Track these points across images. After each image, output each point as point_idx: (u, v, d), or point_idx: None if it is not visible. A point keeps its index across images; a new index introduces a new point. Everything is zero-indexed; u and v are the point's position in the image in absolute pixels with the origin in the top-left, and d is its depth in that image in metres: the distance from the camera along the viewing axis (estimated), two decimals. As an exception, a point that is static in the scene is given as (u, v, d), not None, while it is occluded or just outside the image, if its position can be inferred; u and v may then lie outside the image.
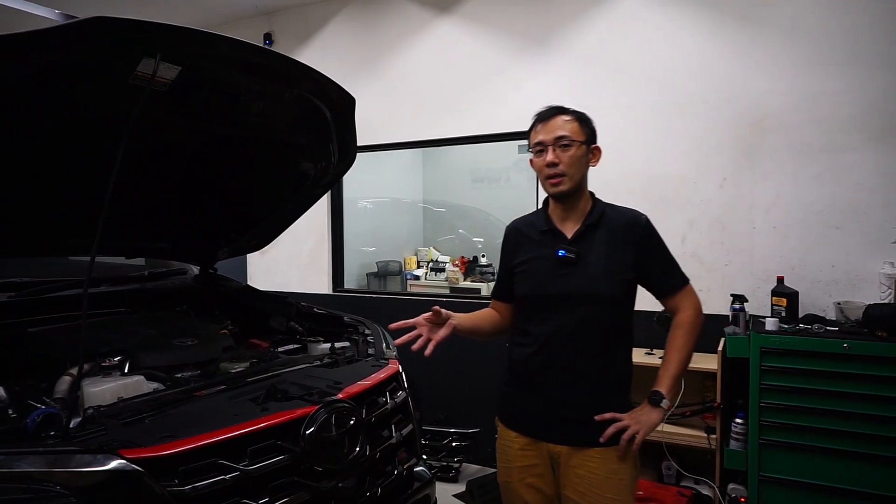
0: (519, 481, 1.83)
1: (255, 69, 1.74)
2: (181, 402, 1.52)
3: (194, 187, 2.32)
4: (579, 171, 1.78)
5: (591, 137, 1.82)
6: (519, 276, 1.86)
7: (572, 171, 1.76)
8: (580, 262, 1.76)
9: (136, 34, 1.34)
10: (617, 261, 1.76)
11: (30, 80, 1.45)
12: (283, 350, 2.18)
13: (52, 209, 1.98)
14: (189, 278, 2.69)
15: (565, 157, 1.75)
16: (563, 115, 1.80)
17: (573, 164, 1.76)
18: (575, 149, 1.76)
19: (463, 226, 6.76)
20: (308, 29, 4.63)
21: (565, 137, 1.75)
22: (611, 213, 1.83)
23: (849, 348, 2.62)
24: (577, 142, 1.76)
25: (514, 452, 1.84)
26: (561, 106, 1.83)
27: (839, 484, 2.64)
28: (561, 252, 1.77)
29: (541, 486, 1.81)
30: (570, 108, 1.83)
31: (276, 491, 1.39)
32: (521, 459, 1.83)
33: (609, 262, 1.75)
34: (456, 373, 4.00)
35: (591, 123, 1.83)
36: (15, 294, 1.98)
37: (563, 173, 1.75)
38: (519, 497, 1.84)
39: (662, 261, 1.83)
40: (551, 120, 1.79)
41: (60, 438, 1.25)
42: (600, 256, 1.76)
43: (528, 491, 1.82)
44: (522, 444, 1.83)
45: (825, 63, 3.05)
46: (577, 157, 1.76)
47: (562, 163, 1.75)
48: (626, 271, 1.77)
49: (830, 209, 3.06)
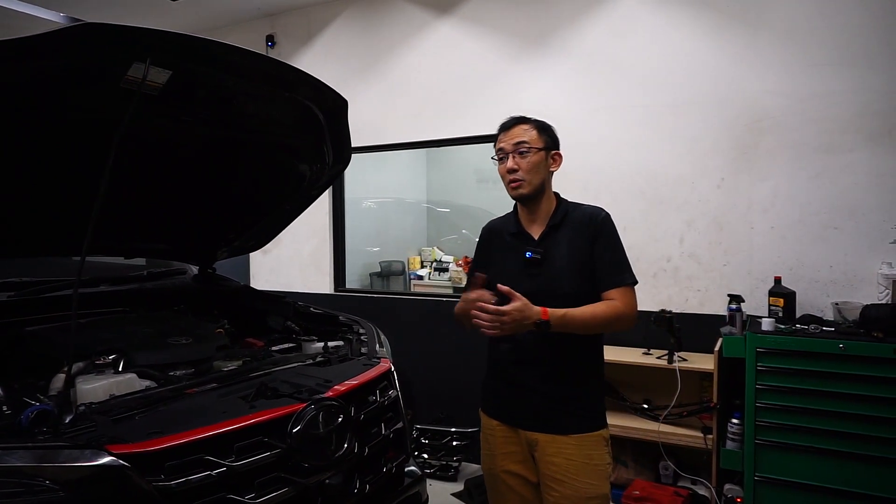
0: (501, 468, 1.93)
1: (246, 73, 1.77)
2: (172, 399, 1.55)
3: (193, 189, 2.36)
4: (538, 176, 1.87)
5: (551, 144, 1.91)
6: (493, 276, 1.90)
7: (530, 175, 1.86)
8: (545, 261, 1.85)
9: (124, 39, 1.37)
10: (578, 258, 1.84)
11: (27, 85, 1.49)
12: (278, 349, 2.21)
13: (54, 210, 2.02)
14: (188, 278, 2.73)
15: (524, 163, 1.86)
16: (523, 125, 1.90)
17: (531, 170, 1.86)
18: (533, 154, 1.86)
19: (466, 226, 6.79)
20: (310, 31, 4.67)
21: (524, 143, 1.86)
22: (574, 213, 1.91)
23: (845, 349, 2.61)
24: (535, 148, 1.86)
25: (496, 440, 1.94)
26: (522, 116, 1.94)
27: (835, 485, 2.64)
28: (528, 253, 1.87)
29: (522, 472, 1.90)
30: (530, 118, 1.93)
31: (262, 487, 1.42)
32: (503, 446, 1.93)
33: (571, 260, 1.84)
34: (454, 372, 4.02)
35: (551, 131, 1.93)
36: (14, 293, 2.02)
37: (521, 178, 1.86)
38: (502, 482, 1.94)
39: (610, 255, 1.85)
40: (512, 129, 1.90)
41: (51, 434, 1.29)
42: (563, 255, 1.85)
43: (510, 477, 1.92)
44: (503, 431, 1.92)
45: (822, 64, 3.05)
46: (535, 163, 1.86)
47: (521, 168, 1.86)
48: (585, 267, 1.84)
49: (828, 210, 3.06)
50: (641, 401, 3.29)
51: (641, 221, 3.47)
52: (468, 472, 3.78)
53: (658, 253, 3.45)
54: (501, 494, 1.96)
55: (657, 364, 3.16)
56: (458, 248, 6.53)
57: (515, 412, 1.90)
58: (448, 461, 3.81)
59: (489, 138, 3.99)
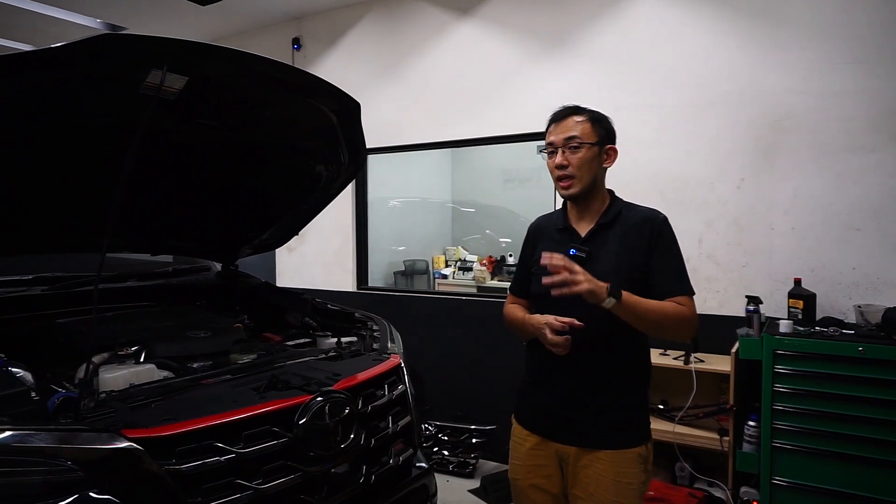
0: (526, 480, 1.86)
1: (260, 78, 1.85)
2: (187, 389, 1.64)
3: (215, 189, 2.45)
4: (589, 173, 1.75)
5: (606, 138, 1.78)
6: (535, 274, 1.84)
7: (581, 172, 1.74)
8: (591, 261, 1.72)
9: (142, 48, 1.46)
10: (627, 260, 1.71)
11: (55, 91, 1.59)
12: (294, 344, 2.29)
13: (85, 209, 2.13)
14: (212, 275, 2.84)
15: (574, 159, 1.73)
16: (576, 116, 1.77)
17: (582, 166, 1.73)
18: (585, 150, 1.73)
19: (490, 226, 6.82)
20: (334, 33, 4.77)
21: (575, 138, 1.73)
22: (627, 213, 1.78)
23: (864, 352, 2.57)
24: (588, 143, 1.73)
25: (524, 451, 1.86)
26: (576, 106, 1.80)
27: (853, 490, 2.59)
28: (572, 251, 1.74)
29: (547, 487, 1.82)
30: (585, 108, 1.79)
31: (269, 473, 1.49)
32: (530, 459, 1.85)
33: (619, 262, 1.71)
34: (474, 371, 4.07)
35: (607, 123, 1.80)
36: (47, 287, 2.15)
37: (571, 175, 1.74)
38: (526, 497, 1.87)
39: (667, 262, 1.72)
40: (563, 121, 1.78)
41: (74, 419, 1.38)
42: (610, 255, 1.73)
43: (534, 491, 1.84)
44: (533, 443, 1.84)
45: (845, 62, 2.99)
46: (586, 159, 1.73)
47: (571, 165, 1.74)
48: (636, 270, 1.71)
49: (850, 210, 3.00)
50: (658, 401, 3.28)
51: (660, 222, 3.44)
52: (485, 470, 3.82)
53: (677, 253, 3.43)
54: None
55: (674, 365, 3.15)
56: (483, 248, 6.57)
57: (548, 423, 1.81)
58: (466, 458, 3.85)
59: (510, 138, 4.11)
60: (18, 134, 1.72)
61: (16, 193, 1.96)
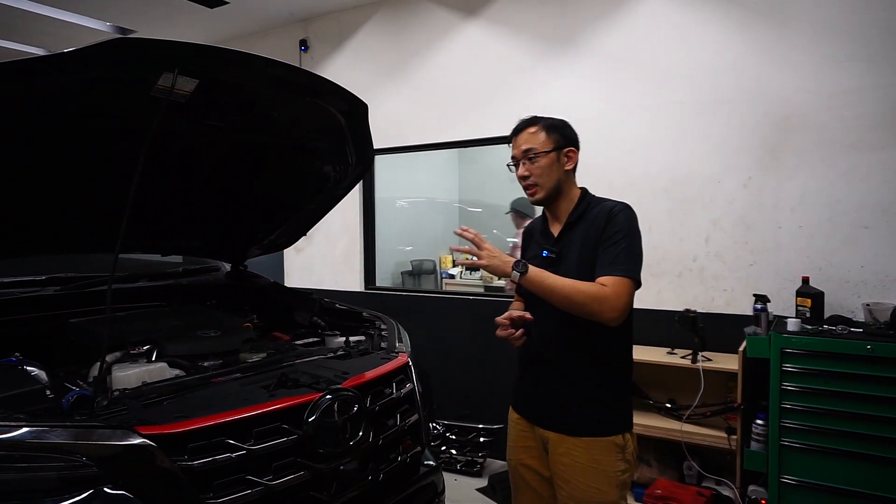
0: (518, 460, 2.00)
1: (269, 80, 1.87)
2: (199, 387, 1.66)
3: (224, 190, 2.48)
4: (551, 179, 1.86)
5: (562, 143, 1.86)
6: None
7: (543, 180, 1.86)
8: (560, 260, 1.84)
9: (153, 52, 1.48)
10: (588, 256, 1.78)
11: (69, 94, 1.62)
12: (302, 343, 2.31)
13: (98, 210, 2.16)
14: (221, 275, 2.87)
15: (535, 169, 1.85)
16: (531, 128, 1.88)
17: (542, 174, 1.85)
18: (542, 158, 1.84)
19: (497, 226, 6.82)
20: (341, 34, 4.80)
21: (531, 150, 1.85)
22: (593, 209, 1.86)
23: (872, 350, 2.56)
24: (543, 152, 1.84)
25: (517, 433, 2.01)
26: (532, 118, 1.91)
27: (862, 488, 2.59)
28: (544, 252, 1.89)
29: (537, 468, 1.95)
30: (540, 118, 1.89)
31: (279, 470, 1.51)
32: (521, 440, 1.99)
33: (581, 259, 1.79)
34: (482, 370, 4.08)
35: (563, 129, 1.89)
36: (61, 288, 2.18)
37: (535, 183, 1.87)
38: (520, 476, 2.01)
39: (608, 246, 1.75)
40: (520, 134, 1.89)
41: (88, 416, 1.40)
42: (574, 254, 1.82)
43: (526, 471, 1.98)
44: (523, 426, 1.99)
45: (851, 60, 2.99)
46: (545, 167, 1.85)
47: (532, 174, 1.86)
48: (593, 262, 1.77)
49: (858, 208, 3.00)
50: (665, 400, 3.29)
51: (667, 221, 3.46)
52: (493, 469, 3.83)
53: (683, 252, 3.44)
54: (518, 486, 2.04)
55: (681, 363, 3.15)
56: (490, 248, 6.56)
57: (532, 409, 1.95)
58: (473, 457, 3.87)
59: (515, 139, 4.10)
60: (32, 136, 1.75)
61: (29, 195, 1.99)
